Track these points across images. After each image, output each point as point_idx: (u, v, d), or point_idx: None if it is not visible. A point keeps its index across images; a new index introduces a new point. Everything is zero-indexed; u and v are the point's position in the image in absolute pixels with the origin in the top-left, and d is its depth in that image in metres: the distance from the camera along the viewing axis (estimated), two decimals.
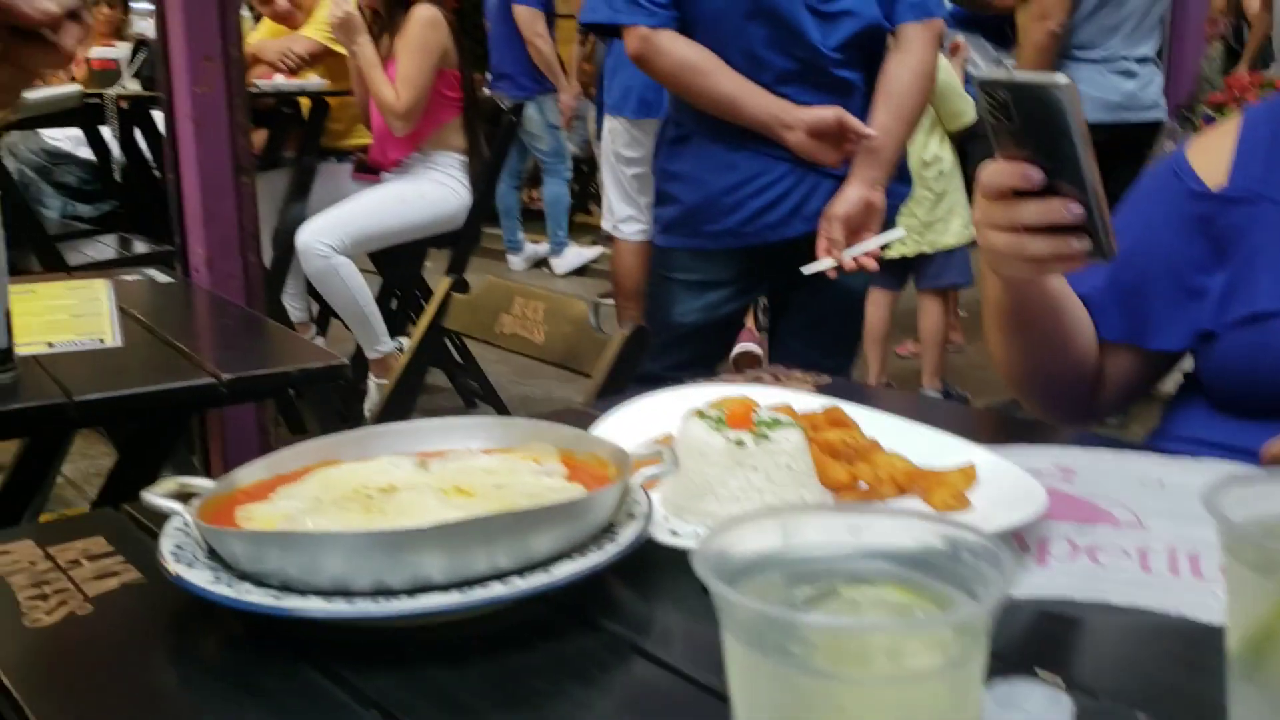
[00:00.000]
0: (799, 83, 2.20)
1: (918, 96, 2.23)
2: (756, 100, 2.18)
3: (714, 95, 2.20)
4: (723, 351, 2.49)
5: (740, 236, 2.28)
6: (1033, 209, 1.02)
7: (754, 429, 0.92)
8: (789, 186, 2.24)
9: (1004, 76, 0.98)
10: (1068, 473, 1.04)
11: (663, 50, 2.20)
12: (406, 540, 0.74)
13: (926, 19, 2.22)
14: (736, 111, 2.20)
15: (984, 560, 0.51)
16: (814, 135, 2.18)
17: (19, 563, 0.89)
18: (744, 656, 0.49)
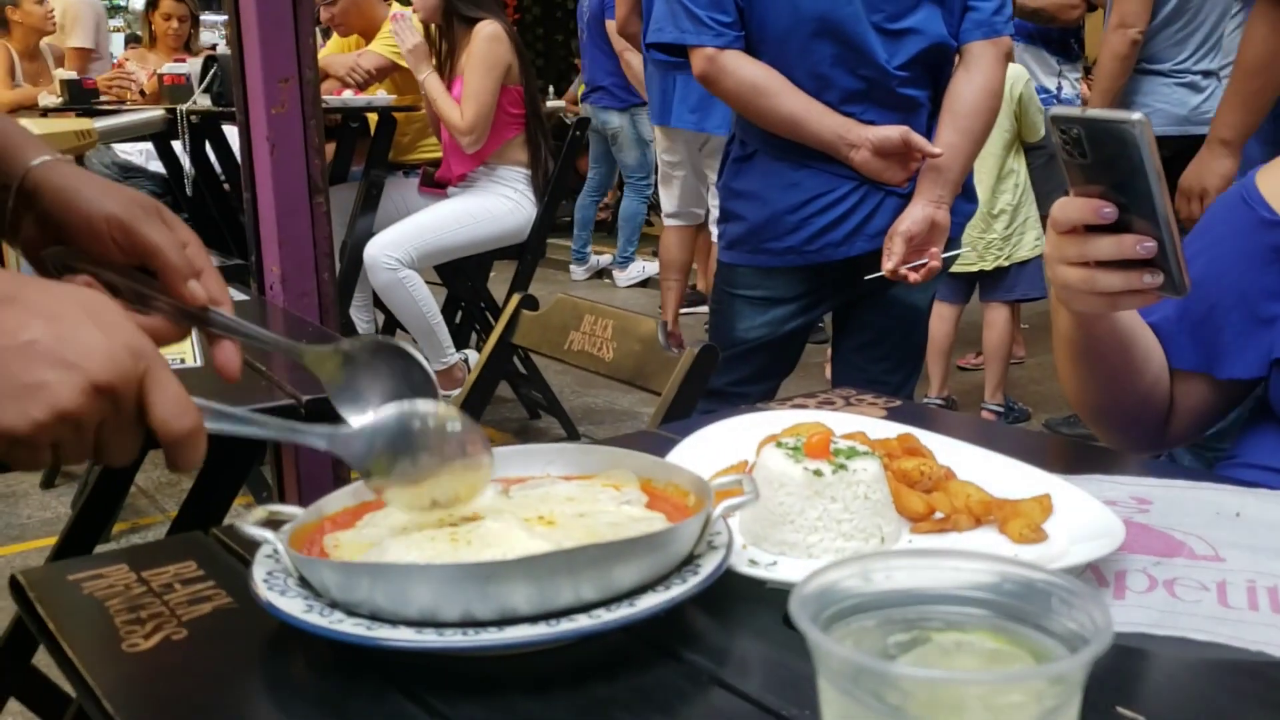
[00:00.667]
0: (865, 101, 2.19)
1: (985, 115, 2.22)
2: (821, 119, 2.18)
3: (778, 115, 2.20)
4: (786, 369, 2.49)
5: (804, 255, 2.28)
6: (1106, 245, 1.02)
7: (832, 458, 0.93)
8: (853, 205, 2.23)
9: (1077, 113, 0.98)
10: (1143, 504, 1.03)
11: (728, 70, 2.21)
12: (494, 572, 0.76)
13: (994, 37, 2.21)
14: (801, 131, 2.20)
15: (1077, 608, 0.51)
16: (879, 154, 2.17)
17: (114, 587, 0.92)
18: (840, 702, 0.50)
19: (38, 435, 0.72)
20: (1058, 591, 0.52)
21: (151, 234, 0.89)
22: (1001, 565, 0.54)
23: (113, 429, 0.76)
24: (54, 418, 0.72)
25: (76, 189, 0.91)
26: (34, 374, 0.72)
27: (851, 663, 0.49)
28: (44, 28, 5.96)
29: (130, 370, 0.75)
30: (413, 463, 0.87)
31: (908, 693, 0.48)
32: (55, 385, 0.72)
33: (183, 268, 0.90)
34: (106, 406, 0.74)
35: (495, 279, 4.61)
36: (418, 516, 0.88)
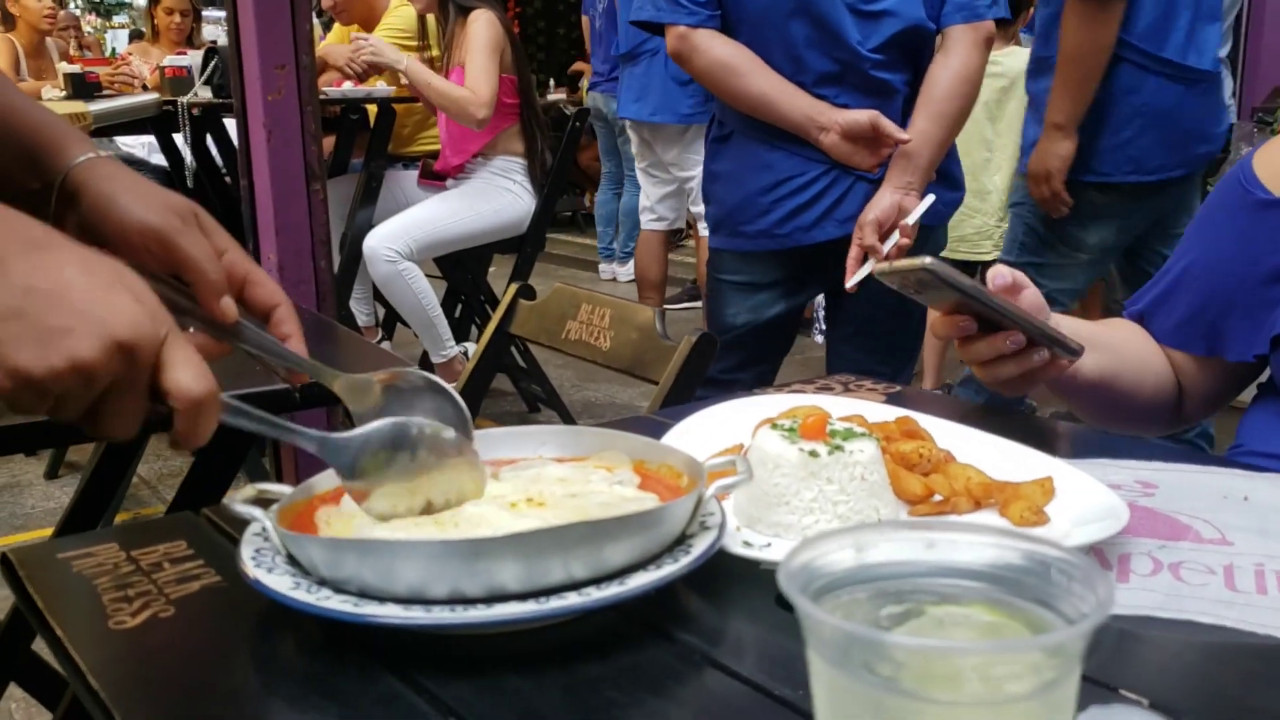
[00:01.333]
0: (839, 84, 2.17)
1: (958, 101, 2.17)
2: (791, 101, 2.16)
3: (749, 95, 2.18)
4: (775, 355, 2.45)
5: (775, 238, 2.26)
6: (983, 348, 1.14)
7: (828, 440, 0.91)
8: (823, 189, 2.21)
9: (885, 268, 1.09)
10: (1148, 487, 1.02)
11: (700, 49, 2.19)
12: (483, 549, 0.74)
13: (973, 21, 2.16)
14: (771, 111, 2.18)
15: (1077, 580, 0.50)
16: (848, 138, 2.15)
17: (104, 565, 0.91)
18: (829, 675, 0.49)
19: (50, 381, 0.71)
20: (1058, 564, 0.51)
21: (188, 247, 0.87)
22: (999, 538, 0.53)
23: (122, 390, 0.74)
24: (70, 367, 0.71)
25: (113, 196, 0.88)
26: (60, 319, 0.71)
27: (842, 633, 0.48)
28: (40, 25, 5.95)
29: (152, 333, 0.74)
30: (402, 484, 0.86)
31: (900, 664, 0.47)
32: (79, 334, 0.71)
33: (218, 283, 0.88)
34: (122, 365, 0.73)
35: (495, 273, 4.60)
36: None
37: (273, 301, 0.91)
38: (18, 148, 0.92)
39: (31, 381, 0.70)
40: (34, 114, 0.94)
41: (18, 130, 0.93)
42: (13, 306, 0.70)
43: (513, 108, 3.98)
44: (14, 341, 0.70)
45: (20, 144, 0.92)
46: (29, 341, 0.70)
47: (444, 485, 0.86)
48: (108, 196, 0.89)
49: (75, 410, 0.74)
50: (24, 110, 0.94)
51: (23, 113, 0.94)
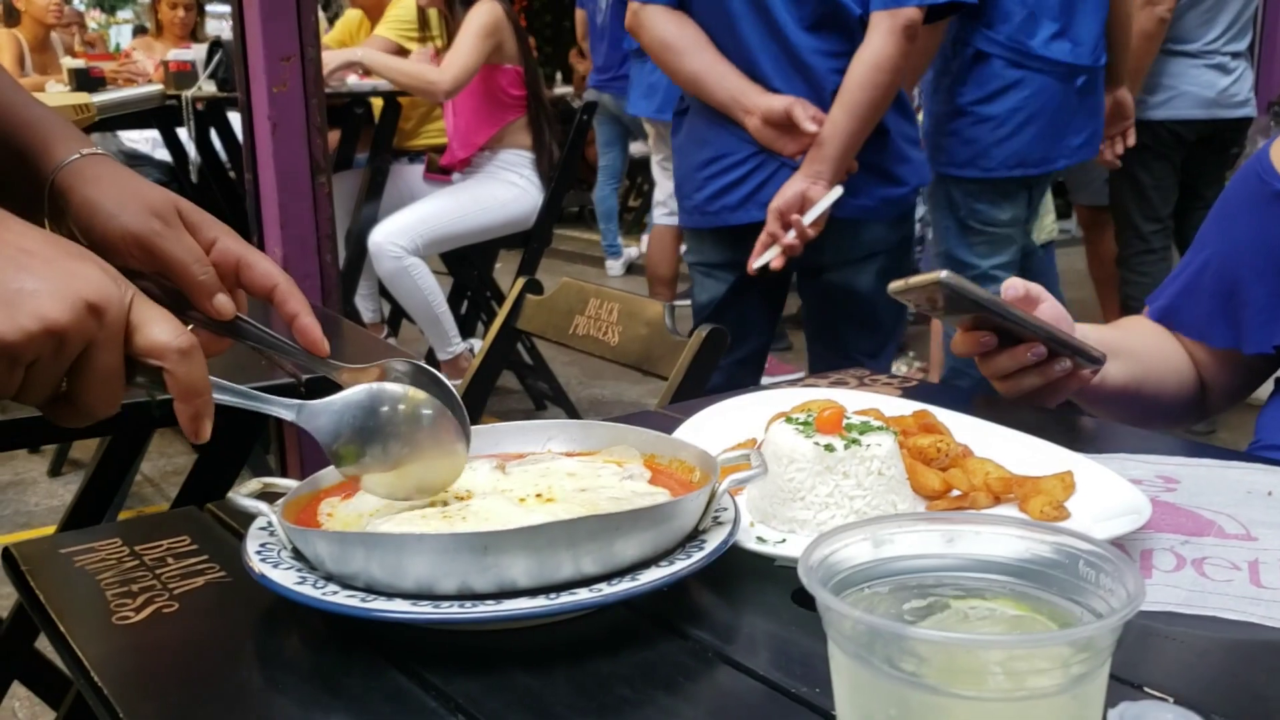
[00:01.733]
0: (775, 66, 2.16)
1: (869, 90, 2.12)
2: (720, 81, 2.17)
3: (683, 73, 2.21)
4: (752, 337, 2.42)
5: (704, 215, 2.27)
6: (1004, 361, 1.13)
7: (844, 434, 0.90)
8: (748, 171, 2.21)
9: (900, 286, 1.09)
10: (1170, 482, 1.00)
11: (645, 25, 2.22)
12: (492, 543, 0.73)
13: (893, 8, 2.10)
14: (702, 91, 2.20)
15: (1105, 573, 0.48)
16: (768, 124, 2.14)
17: (107, 561, 0.90)
18: (851, 670, 0.47)
19: (22, 347, 0.69)
20: (1085, 557, 0.49)
21: (171, 250, 0.86)
22: (1024, 530, 0.51)
23: (95, 356, 0.72)
24: (42, 329, 0.69)
25: (96, 204, 0.87)
26: (26, 282, 0.69)
27: (865, 627, 0.46)
28: (45, 19, 5.95)
29: (119, 294, 0.72)
30: (384, 446, 0.84)
31: (924, 658, 0.46)
32: (46, 295, 0.69)
33: (207, 283, 0.86)
34: (94, 326, 0.71)
35: (502, 269, 4.58)
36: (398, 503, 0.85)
37: (269, 282, 0.89)
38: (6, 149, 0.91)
39: (3, 347, 0.69)
40: (24, 111, 0.92)
41: (7, 130, 0.91)
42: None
43: (519, 100, 3.97)
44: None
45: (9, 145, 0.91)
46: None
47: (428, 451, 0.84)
48: (91, 203, 0.87)
49: (48, 383, 0.72)
50: (15, 106, 0.92)
51: (12, 109, 0.92)
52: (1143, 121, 3.76)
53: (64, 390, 0.74)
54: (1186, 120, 3.71)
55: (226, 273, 0.88)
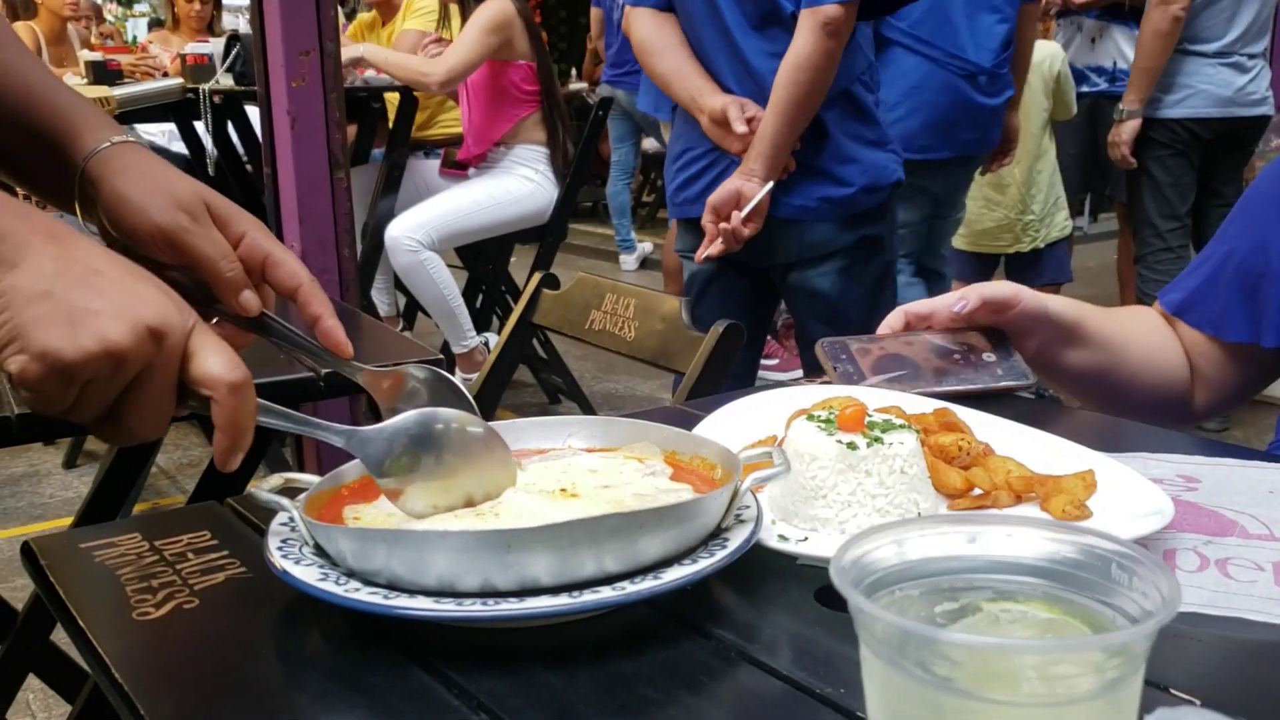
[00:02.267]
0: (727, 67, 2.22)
1: (789, 88, 2.12)
2: (682, 81, 2.24)
3: (655, 73, 2.31)
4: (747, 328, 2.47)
5: (675, 206, 2.38)
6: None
7: (866, 432, 0.89)
8: (703, 167, 2.29)
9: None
10: (1191, 481, 0.99)
11: (632, 26, 2.33)
12: (514, 541, 0.73)
13: (812, 5, 2.09)
14: (669, 90, 2.29)
15: (1138, 576, 0.48)
16: (715, 122, 2.19)
17: (127, 556, 0.90)
18: (883, 672, 0.47)
19: (80, 366, 0.68)
20: (1118, 559, 0.49)
21: (199, 246, 0.86)
22: (1056, 531, 0.51)
23: (150, 380, 0.72)
24: (102, 349, 0.69)
25: (124, 197, 0.86)
26: (90, 300, 0.69)
27: (897, 630, 0.46)
28: (62, 11, 5.96)
29: (180, 321, 0.72)
30: (432, 471, 0.84)
31: (957, 662, 0.45)
32: (109, 316, 0.69)
33: (234, 280, 0.86)
34: (152, 351, 0.71)
35: (517, 264, 4.58)
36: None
37: (294, 281, 0.89)
38: (38, 138, 0.90)
39: (62, 365, 0.68)
40: (53, 98, 0.92)
41: (38, 118, 0.90)
42: (41, 289, 0.69)
43: (533, 95, 3.97)
44: (43, 322, 0.68)
45: (40, 133, 0.90)
46: (59, 322, 0.68)
47: (477, 477, 0.84)
48: (119, 195, 0.87)
49: (101, 403, 0.72)
50: (44, 94, 0.91)
51: (41, 97, 0.91)
52: (1159, 119, 3.74)
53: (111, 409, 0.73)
54: (1203, 119, 3.69)
55: (253, 268, 0.88)
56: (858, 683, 0.56)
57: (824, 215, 2.23)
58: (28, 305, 0.68)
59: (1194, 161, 3.80)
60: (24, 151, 0.92)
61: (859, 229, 2.26)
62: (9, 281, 0.69)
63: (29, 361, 0.68)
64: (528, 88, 3.96)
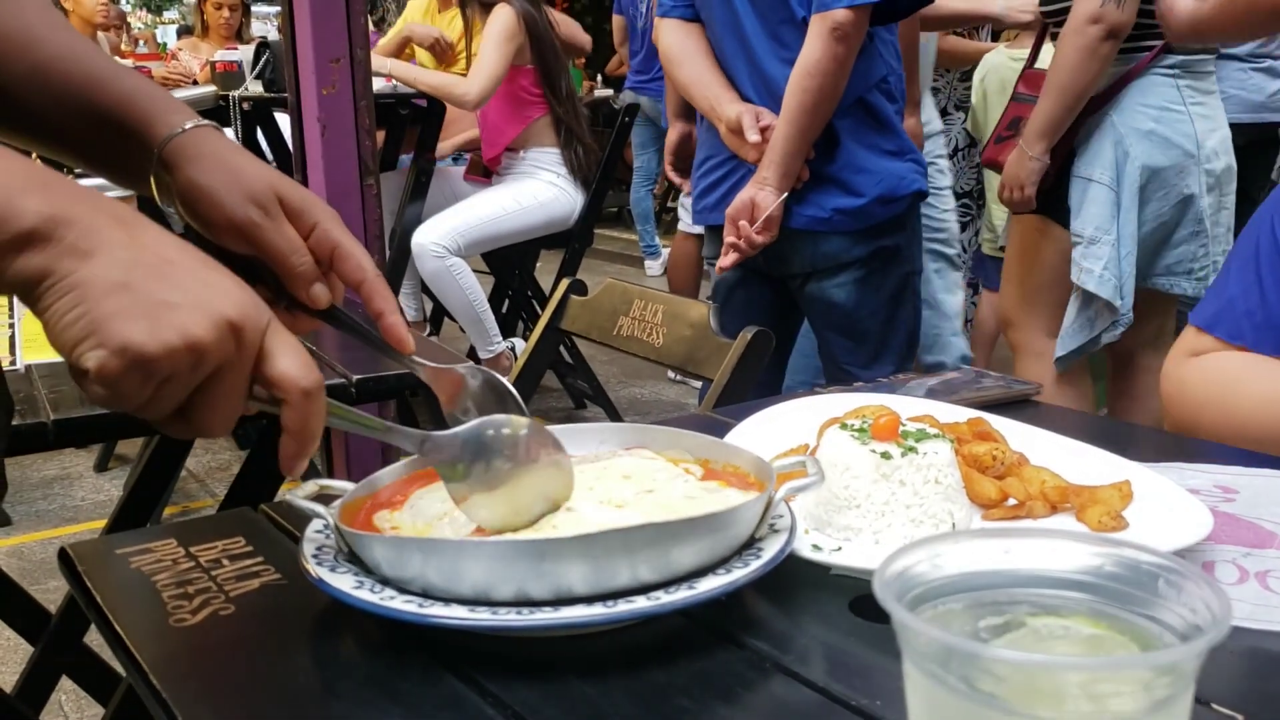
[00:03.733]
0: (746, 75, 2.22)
1: (799, 95, 2.10)
2: (704, 90, 2.25)
3: (679, 83, 2.33)
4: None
5: (698, 214, 2.39)
6: None
7: (900, 441, 0.89)
8: (722, 175, 2.30)
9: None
10: (1228, 492, 0.99)
11: (660, 37, 2.35)
12: (548, 550, 0.73)
13: (821, 11, 2.07)
14: (690, 99, 2.31)
15: (1186, 591, 0.47)
16: (731, 131, 2.20)
17: (162, 562, 0.90)
18: (926, 687, 0.47)
19: (161, 362, 0.65)
20: (1165, 574, 0.48)
21: (271, 239, 0.85)
22: (1102, 545, 0.50)
23: (225, 377, 0.69)
24: (183, 344, 0.65)
25: (200, 187, 0.86)
26: (169, 293, 0.66)
27: (941, 644, 0.45)
28: (94, 19, 6.02)
29: (257, 317, 0.69)
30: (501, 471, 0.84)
31: (1002, 678, 0.45)
32: (189, 309, 0.66)
33: (305, 273, 0.86)
34: (232, 346, 0.68)
35: (543, 269, 4.59)
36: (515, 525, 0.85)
37: (359, 276, 0.88)
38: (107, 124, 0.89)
39: (143, 360, 0.65)
40: (119, 83, 0.90)
41: (105, 104, 0.89)
42: (117, 279, 0.65)
43: (540, 98, 3.98)
44: (123, 315, 0.65)
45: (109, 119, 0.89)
46: (138, 315, 0.65)
47: (540, 483, 0.84)
48: (195, 185, 0.86)
49: (175, 399, 0.68)
50: (109, 80, 0.90)
51: (107, 83, 0.90)
52: None
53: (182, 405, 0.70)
54: (1235, 124, 3.65)
55: (321, 258, 0.88)
56: (893, 694, 0.56)
57: (838, 226, 2.21)
58: (105, 298, 0.65)
59: None
60: (93, 137, 0.91)
61: (875, 240, 2.23)
62: (84, 273, 0.65)
63: (108, 357, 0.65)
64: (536, 91, 3.98)
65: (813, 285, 2.28)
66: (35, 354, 1.54)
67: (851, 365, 2.31)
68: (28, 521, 3.42)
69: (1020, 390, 1.28)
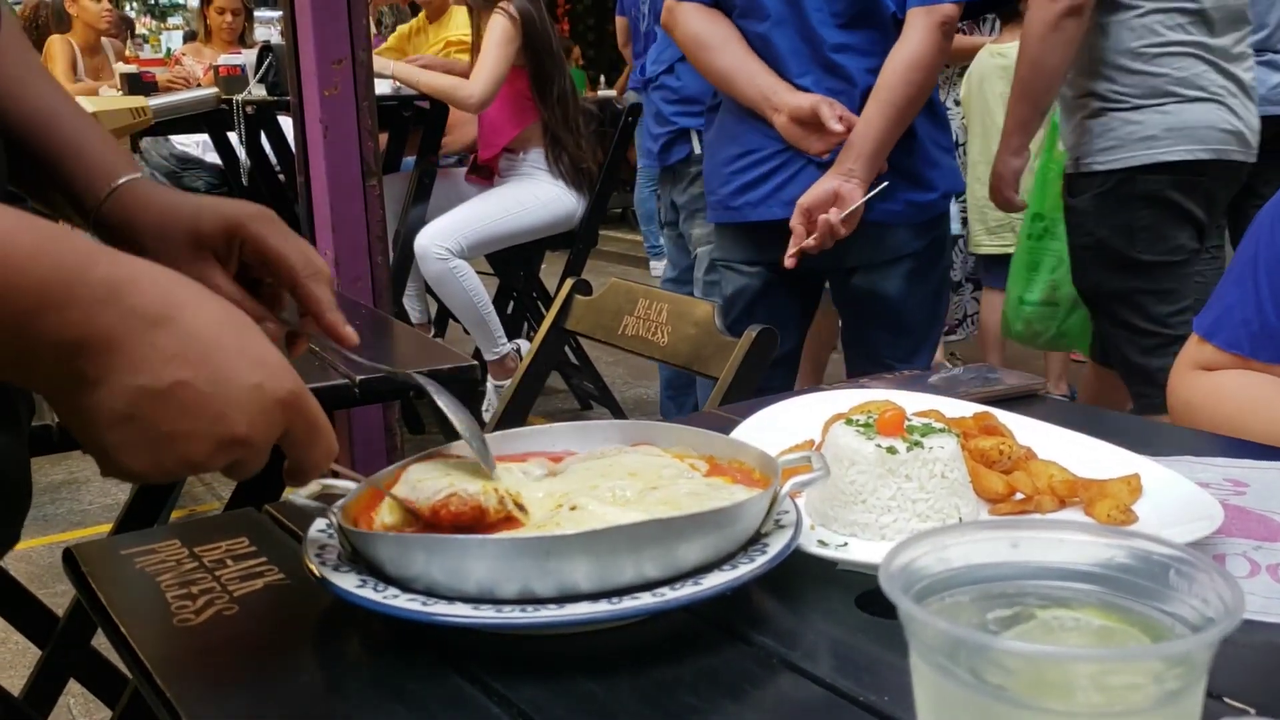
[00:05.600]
0: (804, 65, 2.15)
1: (905, 89, 2.09)
2: (751, 79, 2.16)
3: (715, 70, 2.21)
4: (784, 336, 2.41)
5: (728, 210, 2.27)
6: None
7: (906, 436, 0.88)
8: (773, 168, 2.20)
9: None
10: (1239, 485, 0.98)
11: (679, 22, 2.23)
12: (553, 547, 0.72)
13: (930, 5, 2.07)
14: (732, 88, 2.20)
15: (1197, 582, 0.47)
16: (796, 121, 2.13)
17: (166, 562, 0.90)
18: (934, 681, 0.46)
19: (161, 478, 0.69)
20: (1176, 565, 0.48)
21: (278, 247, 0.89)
22: (1112, 537, 0.50)
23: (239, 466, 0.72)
24: (182, 468, 0.68)
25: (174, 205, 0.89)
26: (176, 424, 0.67)
27: (948, 636, 0.45)
28: (98, 24, 6.03)
29: (276, 427, 0.71)
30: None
31: (1011, 671, 0.44)
32: (193, 439, 0.67)
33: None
34: (241, 453, 0.70)
35: (547, 270, 4.59)
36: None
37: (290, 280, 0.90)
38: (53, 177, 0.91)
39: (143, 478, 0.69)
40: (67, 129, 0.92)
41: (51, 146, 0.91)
42: (121, 412, 0.66)
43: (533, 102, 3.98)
44: (125, 447, 0.67)
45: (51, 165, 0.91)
46: (141, 446, 0.67)
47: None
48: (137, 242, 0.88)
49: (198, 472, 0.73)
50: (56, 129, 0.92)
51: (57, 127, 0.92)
52: None
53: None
54: None
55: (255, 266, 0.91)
56: (901, 689, 0.55)
57: (906, 219, 2.21)
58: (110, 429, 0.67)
59: None
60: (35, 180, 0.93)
61: (929, 233, 2.25)
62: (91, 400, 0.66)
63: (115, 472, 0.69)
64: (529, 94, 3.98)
65: (860, 278, 2.24)
66: None
67: (893, 359, 2.28)
68: (35, 525, 3.42)
69: (1027, 385, 1.27)
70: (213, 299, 0.71)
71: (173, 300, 0.68)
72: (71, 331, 0.64)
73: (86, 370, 0.65)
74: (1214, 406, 1.25)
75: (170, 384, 0.66)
